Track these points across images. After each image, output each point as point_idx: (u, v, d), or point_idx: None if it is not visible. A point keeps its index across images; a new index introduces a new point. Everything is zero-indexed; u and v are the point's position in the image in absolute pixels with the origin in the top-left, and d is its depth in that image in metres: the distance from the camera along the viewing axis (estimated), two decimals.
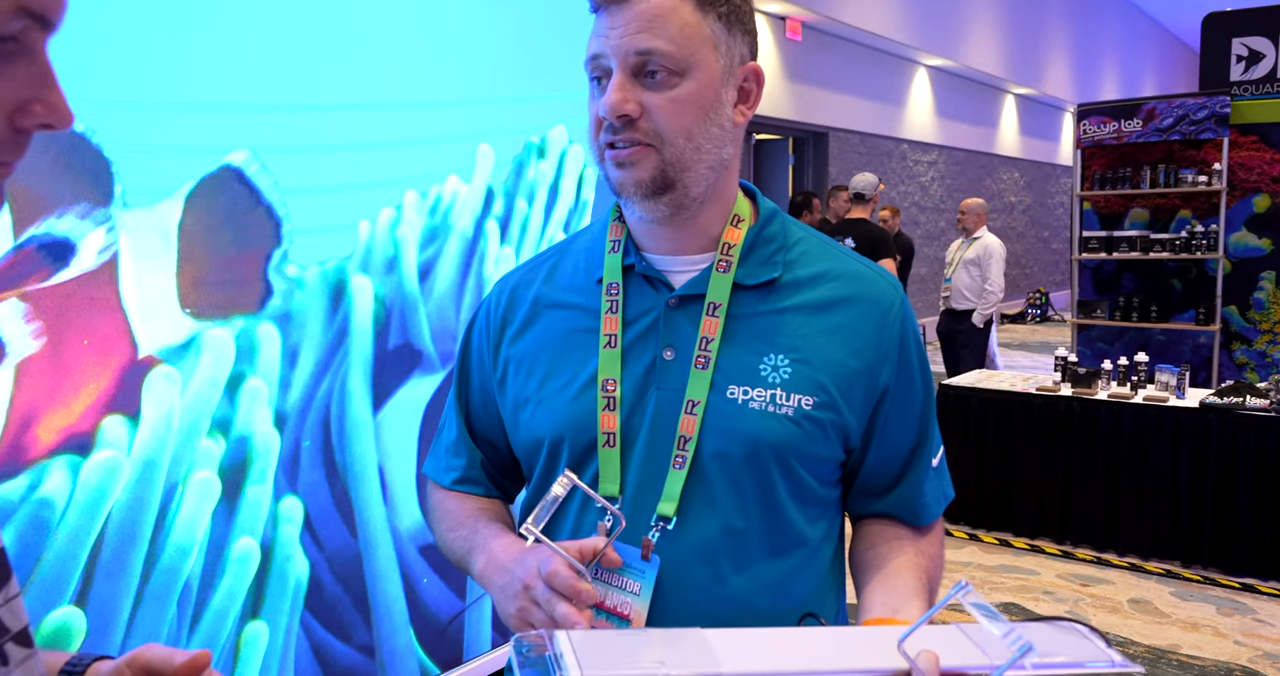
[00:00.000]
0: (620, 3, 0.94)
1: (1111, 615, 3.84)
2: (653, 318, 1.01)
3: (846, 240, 5.64)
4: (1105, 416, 4.51)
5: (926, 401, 1.07)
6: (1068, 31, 15.56)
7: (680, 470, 0.97)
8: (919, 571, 1.01)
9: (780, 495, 0.99)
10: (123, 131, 1.46)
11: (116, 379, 1.47)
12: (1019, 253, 15.34)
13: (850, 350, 1.00)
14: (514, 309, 1.09)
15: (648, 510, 0.97)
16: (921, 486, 1.07)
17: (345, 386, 1.79)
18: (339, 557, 1.81)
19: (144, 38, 1.51)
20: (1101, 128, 6.42)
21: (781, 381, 0.97)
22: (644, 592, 0.95)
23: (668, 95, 0.93)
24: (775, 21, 9.21)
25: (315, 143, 1.72)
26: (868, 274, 1.05)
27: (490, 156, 2.03)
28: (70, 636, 1.43)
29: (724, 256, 1.01)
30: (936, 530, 1.11)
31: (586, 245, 1.09)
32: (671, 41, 0.93)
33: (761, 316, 1.00)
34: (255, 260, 1.63)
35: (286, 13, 1.69)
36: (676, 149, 0.94)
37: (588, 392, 1.00)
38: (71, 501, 1.42)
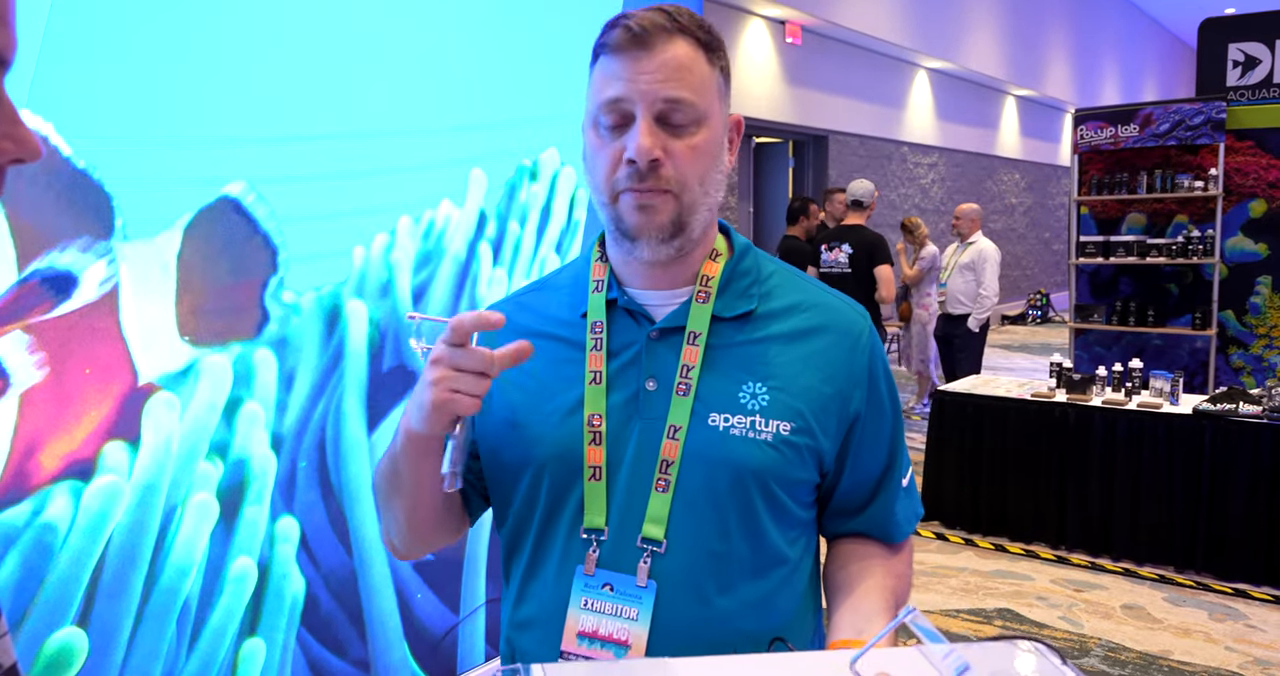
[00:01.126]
0: (646, 49, 0.97)
1: (1104, 620, 3.88)
2: (635, 350, 1.05)
3: (843, 246, 5.67)
4: (1100, 423, 4.55)
5: (895, 425, 1.12)
6: (1068, 32, 15.56)
7: (664, 493, 1.00)
8: (886, 592, 1.06)
9: (761, 518, 1.03)
10: (123, 167, 1.51)
11: (117, 406, 1.51)
12: (1020, 254, 15.35)
13: (823, 377, 1.05)
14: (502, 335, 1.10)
15: (634, 537, 1.00)
16: (893, 506, 1.12)
17: (340, 408, 1.84)
18: (335, 575, 1.85)
19: (142, 75, 1.55)
20: (1098, 133, 6.45)
21: (760, 408, 1.02)
22: (642, 618, 0.99)
23: (689, 143, 0.98)
24: (775, 25, 9.24)
25: (310, 172, 1.77)
26: (837, 304, 1.11)
27: (483, 181, 2.07)
28: (73, 656, 1.48)
29: (703, 288, 1.05)
30: (907, 548, 1.16)
31: (570, 281, 1.12)
32: (695, 91, 0.97)
33: (739, 346, 1.04)
34: (252, 288, 1.68)
35: (279, 47, 1.74)
36: (692, 195, 0.99)
37: (570, 422, 1.03)
38: (74, 525, 1.46)
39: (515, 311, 1.12)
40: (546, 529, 1.05)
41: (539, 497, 1.06)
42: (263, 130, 1.70)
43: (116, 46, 1.51)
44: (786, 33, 9.35)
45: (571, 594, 1.01)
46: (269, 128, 1.71)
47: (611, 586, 0.99)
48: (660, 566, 0.99)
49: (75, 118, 1.45)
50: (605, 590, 1.00)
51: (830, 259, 5.70)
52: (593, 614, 1.00)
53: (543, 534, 1.06)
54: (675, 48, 0.98)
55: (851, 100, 10.58)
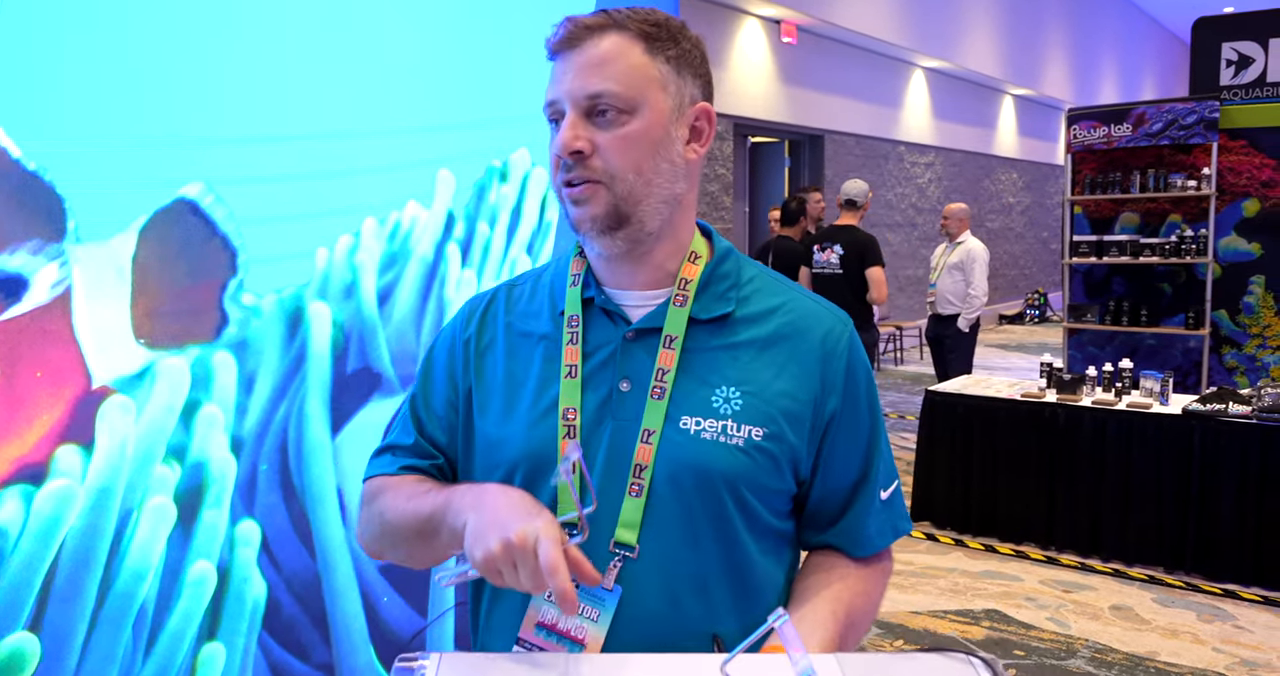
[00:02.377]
0: (572, 48, 1.00)
1: (1092, 621, 3.87)
2: (610, 350, 1.05)
3: (835, 247, 5.66)
4: (1089, 423, 4.54)
5: (874, 434, 1.11)
6: (1066, 31, 15.54)
7: (638, 498, 1.00)
8: (838, 604, 1.04)
9: (735, 524, 1.02)
10: (75, 168, 1.50)
11: (70, 409, 1.51)
12: (1017, 253, 15.33)
13: (798, 383, 1.04)
14: (483, 332, 1.13)
15: (604, 538, 1.00)
16: (865, 519, 1.10)
17: (303, 411, 1.83)
18: (297, 578, 1.84)
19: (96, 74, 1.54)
20: (1091, 132, 6.44)
21: (733, 413, 1.01)
22: (602, 620, 0.99)
23: (617, 133, 0.99)
24: (769, 25, 9.23)
25: (272, 173, 1.76)
26: (816, 309, 1.10)
27: (451, 182, 2.06)
28: (24, 661, 1.47)
29: (680, 291, 1.05)
30: (878, 563, 1.13)
31: (551, 278, 1.13)
32: (619, 82, 0.98)
33: (714, 350, 1.04)
34: (211, 290, 1.67)
35: (239, 45, 1.73)
36: (627, 184, 0.99)
37: (547, 420, 1.04)
38: (25, 529, 1.46)
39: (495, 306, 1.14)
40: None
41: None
42: (222, 131, 1.69)
43: (69, 45, 1.50)
44: (782, 32, 9.34)
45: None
46: (228, 128, 1.70)
47: (578, 584, 0.98)
48: (630, 571, 1.00)
49: (25, 118, 1.45)
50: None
51: (822, 259, 5.68)
52: (554, 606, 1.00)
53: None
54: (603, 42, 1.00)
55: (848, 100, 10.57)
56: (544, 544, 0.86)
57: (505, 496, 0.96)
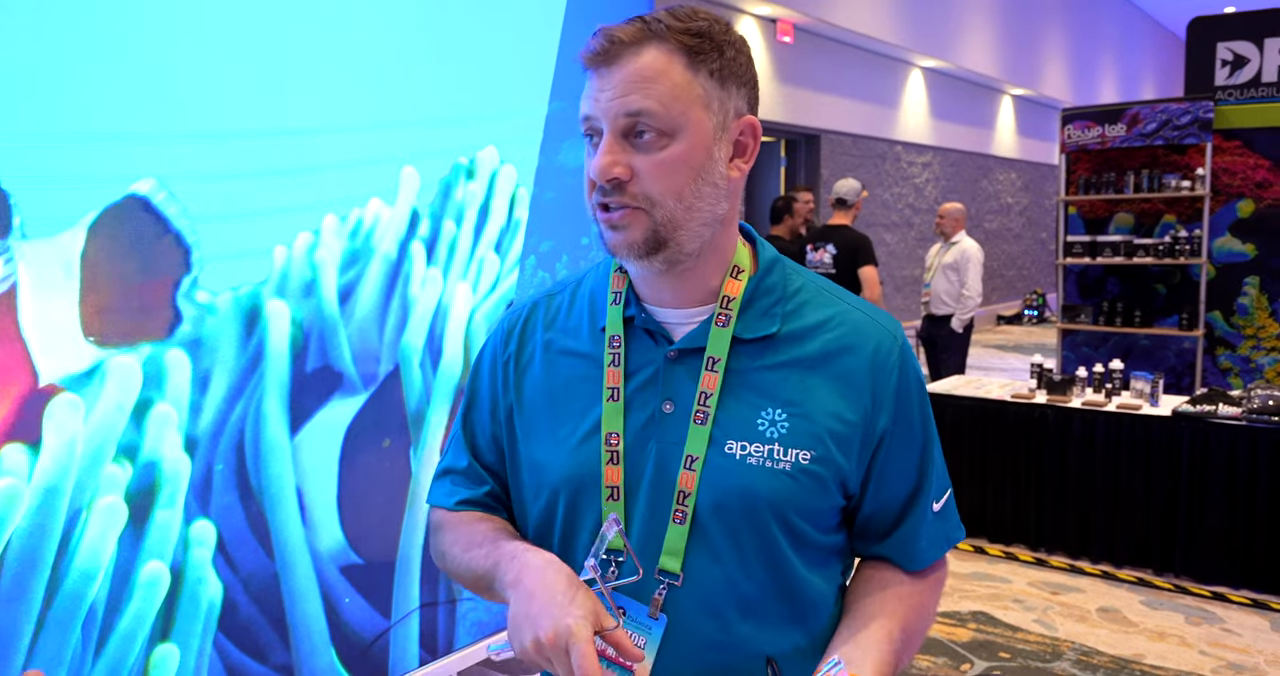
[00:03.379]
0: (609, 64, 0.94)
1: (1079, 624, 3.84)
2: (652, 370, 1.02)
3: (828, 246, 5.63)
4: (1078, 424, 4.51)
5: (927, 447, 1.07)
6: (1064, 31, 15.51)
7: (681, 525, 0.98)
8: (893, 622, 1.02)
9: (782, 546, 1.00)
10: (21, 163, 1.48)
11: (16, 407, 1.49)
12: (1015, 254, 15.30)
13: (848, 402, 1.01)
14: (522, 350, 1.11)
15: (651, 566, 0.99)
16: (918, 531, 1.07)
17: (260, 410, 1.81)
18: (254, 579, 1.82)
19: (42, 66, 1.52)
20: (1085, 132, 6.41)
21: (779, 436, 0.98)
22: (649, 648, 0.97)
23: (657, 158, 0.94)
24: (766, 24, 9.20)
25: (228, 170, 1.74)
26: (866, 323, 1.05)
27: (415, 179, 2.04)
28: None
29: (723, 310, 1.01)
30: (932, 575, 1.11)
31: (590, 291, 1.10)
32: (660, 102, 0.93)
33: (760, 371, 1.01)
34: (163, 287, 1.65)
35: (195, 38, 1.71)
36: (667, 210, 0.95)
37: (589, 443, 1.02)
38: None
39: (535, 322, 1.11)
40: (568, 547, 1.04)
41: (555, 519, 1.04)
42: (176, 125, 1.67)
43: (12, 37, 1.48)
44: (778, 31, 9.32)
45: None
46: (182, 123, 1.68)
47: (624, 611, 0.98)
48: (674, 599, 0.98)
49: None
50: (618, 613, 0.97)
51: (815, 259, 5.66)
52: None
53: (565, 552, 1.04)
54: (643, 58, 0.93)
55: (844, 99, 10.55)
56: (575, 648, 0.86)
57: (542, 579, 0.94)
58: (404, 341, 2.07)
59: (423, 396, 2.11)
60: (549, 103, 2.33)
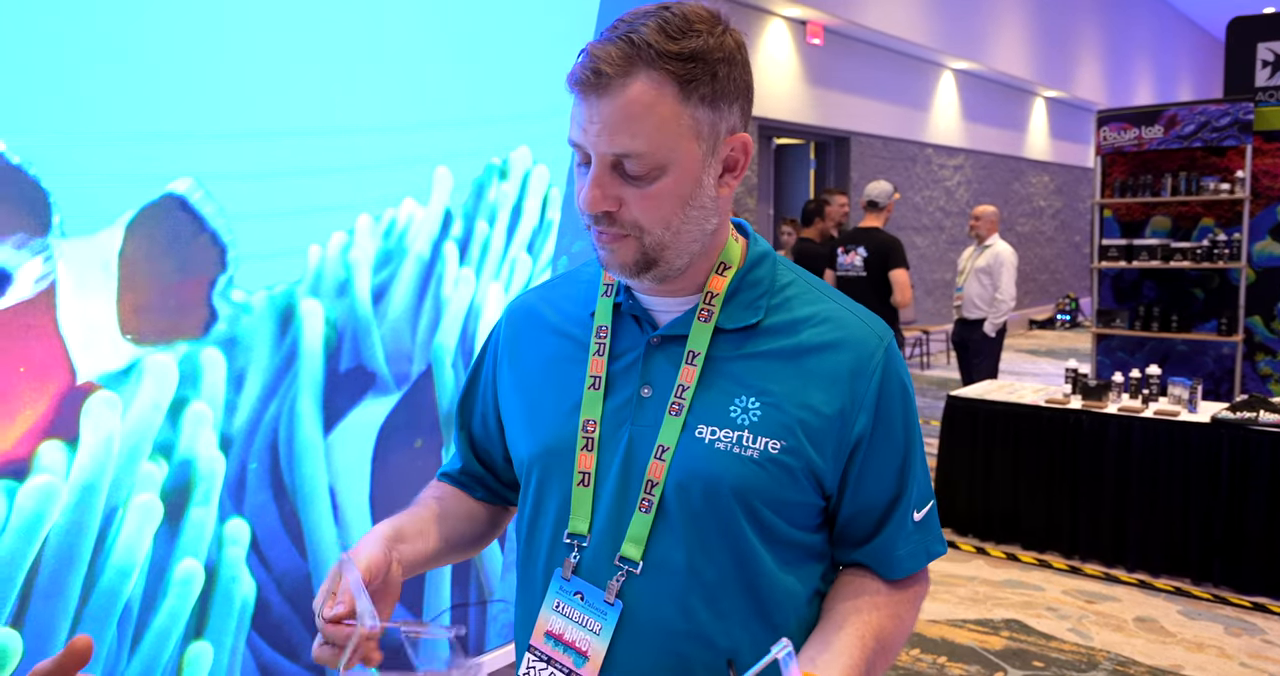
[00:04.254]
0: (598, 94, 0.90)
1: (1115, 633, 3.78)
2: (635, 355, 1.02)
3: (858, 249, 5.59)
4: (1115, 430, 4.44)
5: (909, 454, 1.05)
6: (1099, 32, 15.32)
7: (646, 514, 0.98)
8: (867, 628, 1.00)
9: (748, 537, 0.98)
10: (61, 162, 1.49)
11: (54, 405, 1.50)
12: (1048, 257, 15.13)
13: (825, 397, 0.99)
14: (518, 331, 1.13)
15: (612, 550, 0.99)
16: (896, 540, 1.05)
17: (294, 409, 1.81)
18: (287, 578, 1.83)
19: (83, 68, 1.53)
20: (1122, 134, 6.32)
21: (750, 424, 0.97)
22: (604, 633, 0.97)
23: (646, 191, 0.93)
24: (796, 26, 9.17)
25: (264, 169, 1.75)
26: (852, 321, 1.04)
27: (448, 179, 2.04)
28: (6, 657, 1.46)
29: (706, 305, 1.01)
30: (912, 586, 1.09)
31: (588, 278, 1.10)
32: (649, 141, 0.90)
33: (738, 359, 1.00)
34: (199, 286, 1.66)
35: (232, 39, 1.72)
36: (655, 237, 0.95)
37: (566, 423, 1.02)
38: (7, 525, 1.45)
39: (537, 302, 1.14)
40: (535, 525, 1.06)
41: (529, 493, 1.06)
42: (213, 126, 1.68)
43: (55, 39, 1.49)
44: (808, 33, 9.27)
45: (547, 593, 1.01)
46: (220, 123, 1.69)
47: (582, 595, 0.99)
48: (632, 587, 0.98)
49: (10, 113, 1.44)
50: (576, 597, 0.99)
51: (846, 262, 5.61)
52: (562, 617, 1.00)
53: (532, 529, 1.06)
54: (630, 91, 0.89)
55: (875, 101, 10.48)
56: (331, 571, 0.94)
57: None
58: (436, 341, 2.07)
59: (455, 396, 2.11)
60: None
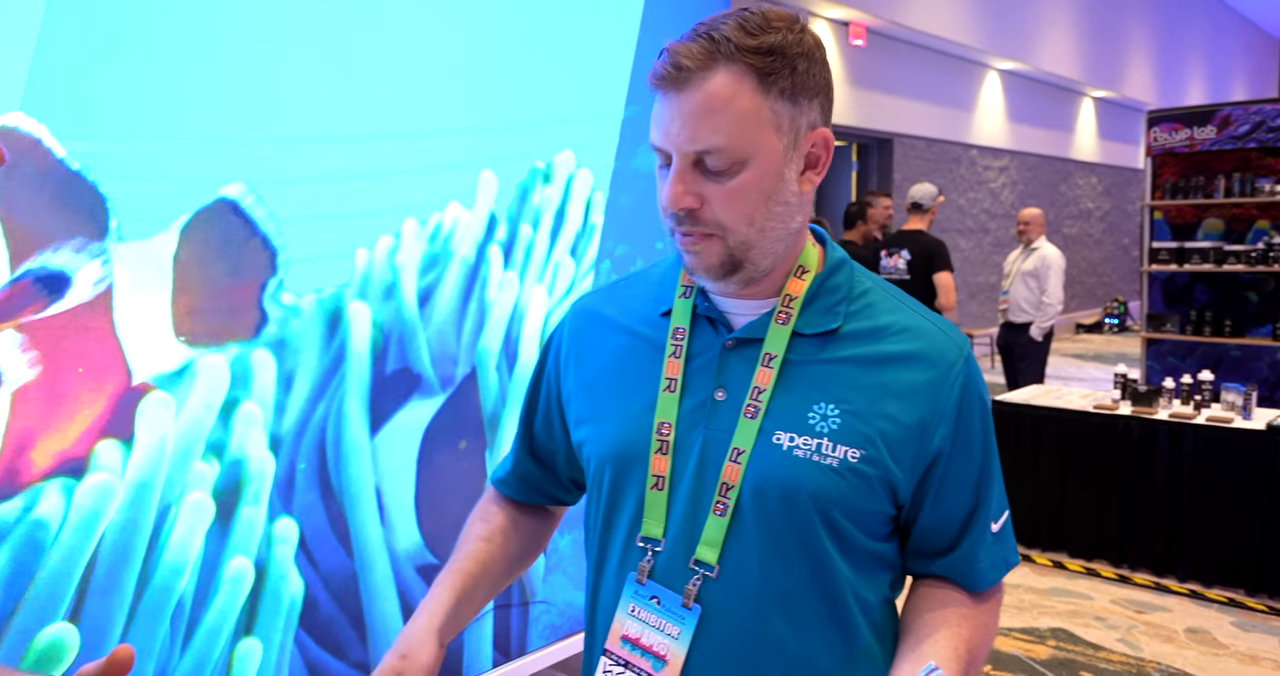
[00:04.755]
0: (678, 90, 0.92)
1: (1165, 644, 3.70)
2: (709, 357, 1.02)
3: (902, 252, 5.53)
4: (1165, 437, 4.35)
5: (986, 465, 1.05)
6: (1150, 31, 15.02)
7: (722, 517, 0.97)
8: (959, 641, 1.00)
9: (824, 545, 0.98)
10: (118, 169, 1.53)
11: (110, 405, 1.54)
12: (1096, 260, 14.87)
13: (904, 407, 0.98)
14: (582, 331, 1.13)
15: (686, 554, 0.98)
16: (977, 553, 1.04)
17: (342, 410, 1.84)
18: (334, 577, 1.85)
19: (138, 75, 1.57)
20: (1173, 135, 6.20)
21: (829, 431, 0.97)
22: (682, 638, 0.97)
23: (728, 186, 0.93)
24: (838, 27, 9.11)
25: (312, 173, 1.78)
26: (932, 331, 1.03)
27: (493, 183, 2.06)
28: (63, 652, 1.50)
29: (784, 308, 1.01)
30: (992, 597, 1.08)
31: (659, 278, 1.11)
32: (729, 135, 0.91)
33: (817, 365, 1.00)
34: (250, 289, 1.69)
35: (281, 45, 1.75)
36: (739, 236, 0.95)
37: (638, 423, 1.02)
38: (65, 522, 1.49)
39: (602, 302, 1.14)
40: (609, 528, 1.05)
41: (603, 496, 1.06)
42: (263, 131, 1.71)
43: (111, 47, 1.53)
44: (850, 34, 9.21)
45: (622, 597, 1.01)
46: (270, 129, 1.72)
47: (659, 600, 0.98)
48: (709, 591, 0.97)
49: (70, 120, 1.48)
50: (653, 602, 0.99)
51: (890, 265, 5.55)
52: (638, 621, 0.99)
53: (606, 533, 1.06)
54: (711, 85, 0.91)
55: (918, 102, 10.38)
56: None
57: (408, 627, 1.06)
58: (481, 344, 2.09)
59: (499, 399, 2.13)
60: (625, 107, 2.33)
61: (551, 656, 2.30)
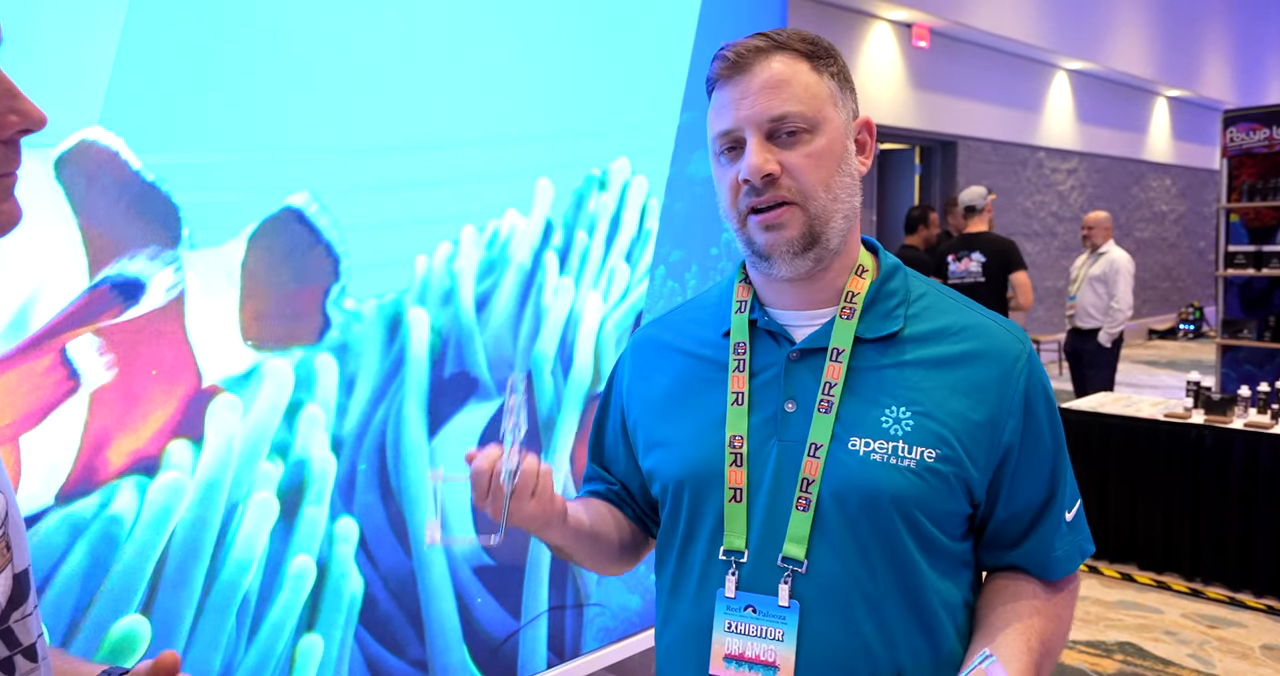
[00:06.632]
0: (743, 72, 1.00)
1: (1240, 661, 3.58)
2: (775, 371, 1.04)
3: (974, 254, 5.42)
4: (1240, 447, 4.21)
5: (1057, 456, 1.06)
6: (1226, 27, 14.54)
7: (805, 512, 0.99)
8: (1032, 633, 1.00)
9: (908, 547, 0.99)
10: (190, 179, 1.60)
11: (182, 406, 1.60)
12: (1170, 264, 14.43)
13: (972, 404, 1.00)
14: (644, 359, 1.16)
15: (773, 557, 1.00)
16: (1052, 541, 1.06)
17: (401, 413, 1.89)
18: (393, 576, 1.90)
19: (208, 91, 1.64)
20: (1251, 135, 6.01)
21: (904, 434, 0.98)
22: (788, 638, 0.97)
23: (804, 151, 0.99)
24: (901, 29, 9.01)
25: (374, 182, 1.83)
26: (992, 328, 1.05)
27: (549, 190, 2.09)
28: (136, 642, 1.56)
29: (848, 305, 1.04)
30: (1067, 587, 1.09)
31: (715, 300, 1.14)
32: (800, 102, 0.99)
33: (883, 369, 1.01)
34: (314, 295, 1.75)
35: (344, 58, 1.80)
36: (819, 202, 0.99)
37: (708, 441, 1.04)
38: (139, 518, 1.55)
39: (661, 330, 1.17)
40: (686, 549, 1.06)
41: (680, 517, 1.07)
42: (327, 142, 1.77)
43: (184, 64, 1.60)
44: (913, 36, 9.10)
45: (715, 616, 1.01)
46: (333, 140, 1.78)
47: (754, 608, 0.99)
48: (801, 586, 0.98)
49: (145, 133, 1.55)
50: (748, 612, 0.99)
51: (960, 269, 5.44)
52: (737, 636, 1.00)
53: (683, 554, 1.07)
54: (772, 65, 0.99)
55: (983, 104, 10.20)
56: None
57: None
58: (536, 349, 2.12)
59: (554, 403, 2.16)
60: (680, 114, 2.35)
61: (605, 658, 2.32)
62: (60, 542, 1.48)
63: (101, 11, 1.49)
